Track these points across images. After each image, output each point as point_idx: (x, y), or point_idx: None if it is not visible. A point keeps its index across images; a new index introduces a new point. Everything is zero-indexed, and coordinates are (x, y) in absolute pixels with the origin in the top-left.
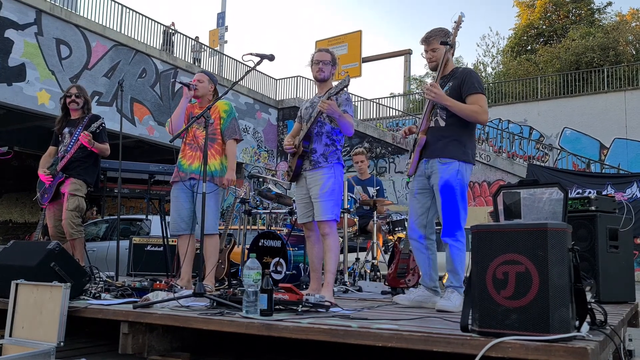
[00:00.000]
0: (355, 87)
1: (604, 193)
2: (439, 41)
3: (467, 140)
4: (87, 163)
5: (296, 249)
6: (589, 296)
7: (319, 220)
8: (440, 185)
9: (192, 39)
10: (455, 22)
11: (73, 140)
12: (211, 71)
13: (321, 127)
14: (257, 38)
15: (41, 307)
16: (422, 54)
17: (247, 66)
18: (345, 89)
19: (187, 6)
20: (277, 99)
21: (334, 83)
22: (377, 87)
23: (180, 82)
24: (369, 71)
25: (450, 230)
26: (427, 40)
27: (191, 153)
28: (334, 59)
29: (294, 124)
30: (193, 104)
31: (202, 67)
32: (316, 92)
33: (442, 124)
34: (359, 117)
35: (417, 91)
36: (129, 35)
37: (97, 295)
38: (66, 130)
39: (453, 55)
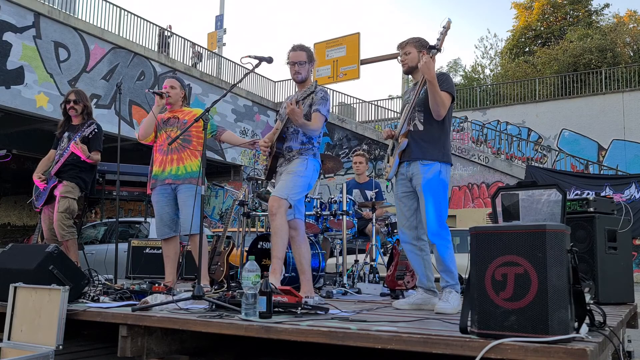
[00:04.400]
0: (354, 89)
1: (602, 194)
2: (413, 46)
3: (445, 140)
4: (80, 167)
5: None
6: (587, 297)
7: (272, 195)
8: (423, 186)
9: (191, 42)
10: (443, 27)
11: (69, 146)
12: (209, 74)
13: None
14: (255, 40)
15: (40, 310)
16: (397, 59)
17: (246, 69)
18: (312, 95)
19: (185, 9)
20: (276, 102)
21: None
22: (376, 89)
23: (153, 92)
24: (368, 73)
25: (436, 230)
26: (401, 45)
27: (162, 158)
28: (310, 56)
29: (276, 122)
30: (162, 112)
31: (200, 69)
32: (296, 90)
33: (420, 127)
34: (357, 119)
35: None
36: (127, 37)
37: (96, 298)
38: (66, 134)
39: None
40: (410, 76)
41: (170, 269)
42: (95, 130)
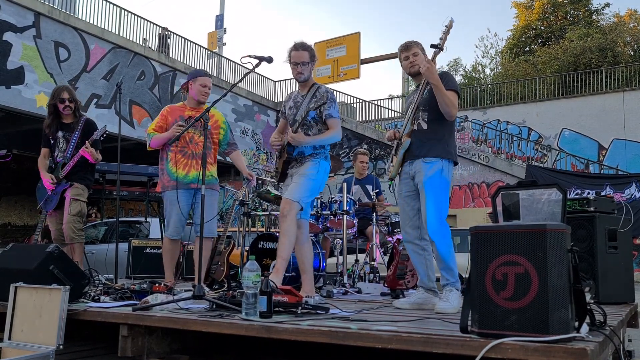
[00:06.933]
0: (354, 88)
1: (602, 194)
2: (418, 48)
3: (448, 138)
4: (85, 168)
5: None
6: (588, 297)
7: (284, 197)
8: (424, 183)
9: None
10: (446, 26)
11: (71, 147)
12: (210, 74)
13: (308, 130)
14: (255, 40)
15: (40, 310)
16: (400, 61)
17: (246, 68)
18: (323, 104)
19: (185, 9)
20: (276, 101)
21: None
22: (376, 88)
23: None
24: (368, 73)
25: (436, 227)
26: (407, 47)
27: (185, 161)
28: (313, 55)
29: (280, 120)
30: (184, 106)
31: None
32: (297, 89)
33: (425, 126)
34: (357, 119)
35: None
36: (128, 37)
37: (96, 298)
38: (60, 134)
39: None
40: (411, 78)
41: (173, 269)
42: (107, 131)
